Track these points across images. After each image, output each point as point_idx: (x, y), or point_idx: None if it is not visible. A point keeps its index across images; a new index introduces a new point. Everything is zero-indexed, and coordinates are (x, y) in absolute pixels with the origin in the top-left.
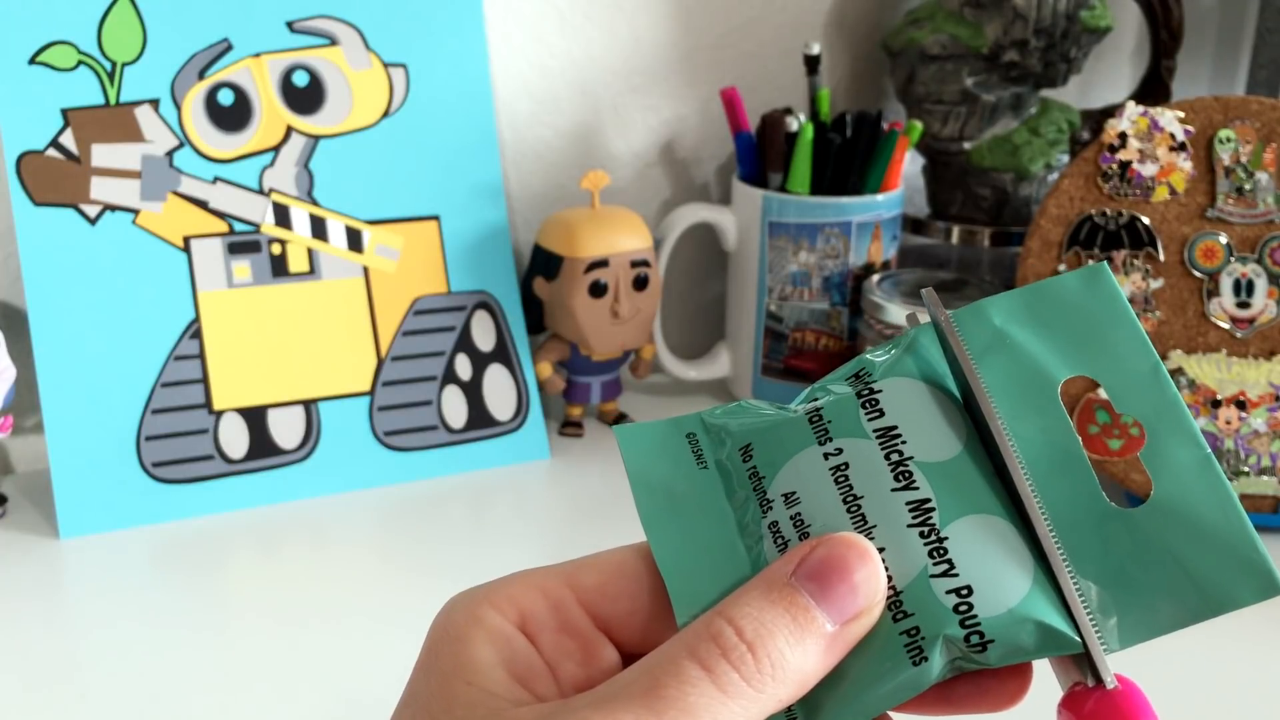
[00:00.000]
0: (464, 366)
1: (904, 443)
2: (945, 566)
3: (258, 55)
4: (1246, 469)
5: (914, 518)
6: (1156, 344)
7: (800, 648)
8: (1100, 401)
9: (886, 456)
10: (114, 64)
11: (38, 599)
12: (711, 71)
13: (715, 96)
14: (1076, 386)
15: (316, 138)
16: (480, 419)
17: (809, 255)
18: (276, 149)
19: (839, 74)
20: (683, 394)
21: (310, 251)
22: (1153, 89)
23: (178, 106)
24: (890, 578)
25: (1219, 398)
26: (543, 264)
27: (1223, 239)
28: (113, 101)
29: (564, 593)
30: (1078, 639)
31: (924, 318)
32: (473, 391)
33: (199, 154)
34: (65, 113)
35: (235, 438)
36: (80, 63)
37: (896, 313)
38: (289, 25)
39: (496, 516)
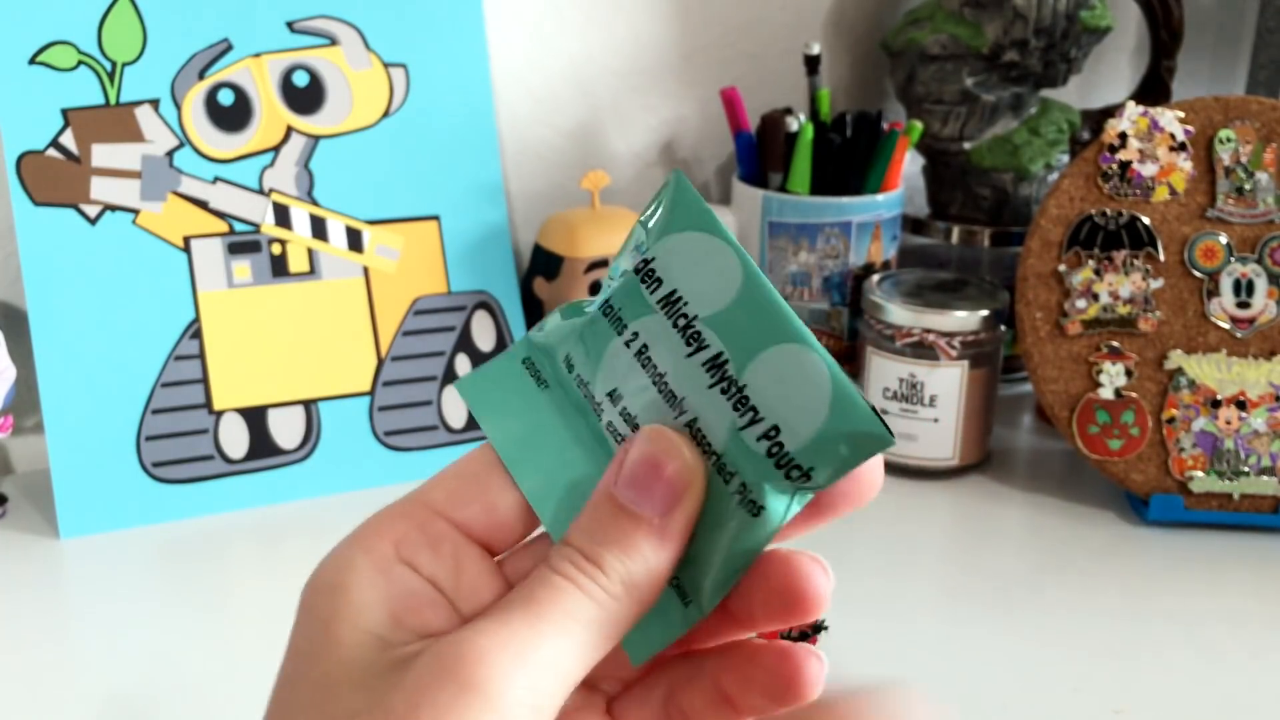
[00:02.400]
0: (464, 367)
1: (685, 304)
2: (750, 415)
3: (258, 55)
4: (1246, 469)
5: (712, 377)
6: (1156, 344)
7: (638, 552)
8: (1100, 402)
9: (674, 324)
10: (114, 64)
11: (38, 599)
12: (711, 71)
13: (715, 96)
14: None
15: (316, 138)
16: None
17: (809, 255)
18: (276, 149)
19: (839, 74)
20: None
21: (310, 251)
22: (1153, 89)
23: (178, 106)
24: (710, 443)
25: (1219, 398)
26: (543, 264)
27: (1223, 239)
28: (113, 101)
29: (423, 512)
30: (888, 431)
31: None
32: None
33: (199, 154)
34: (65, 113)
35: (235, 438)
36: (80, 63)
37: (896, 313)
38: (289, 25)
39: None
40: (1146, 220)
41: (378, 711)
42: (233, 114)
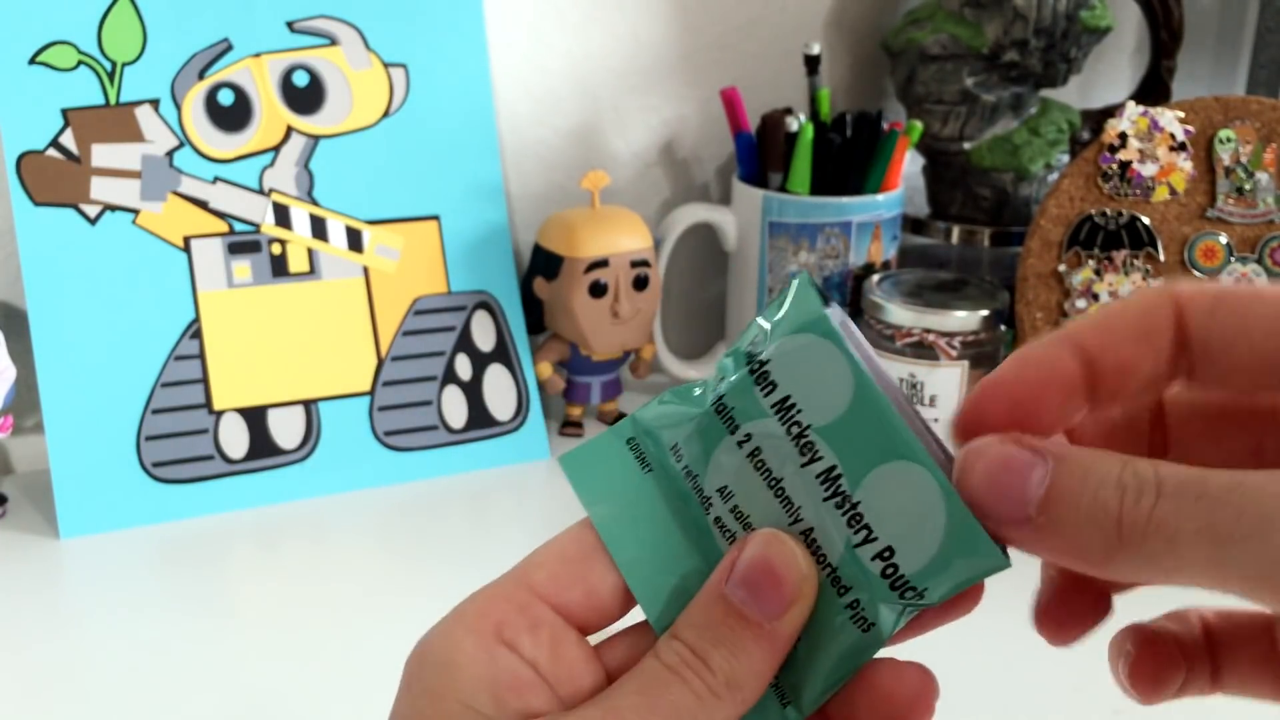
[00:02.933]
0: (464, 366)
1: (799, 411)
2: (865, 534)
3: (258, 55)
4: None
5: (826, 490)
6: None
7: (745, 653)
8: None
9: (788, 431)
10: (114, 64)
11: (38, 599)
12: (711, 71)
13: (715, 96)
14: None
15: (316, 138)
16: (480, 419)
17: (809, 255)
18: (276, 149)
19: (839, 74)
20: None
21: (310, 251)
22: (1153, 89)
23: (178, 106)
24: (825, 555)
25: None
26: (543, 264)
27: (1223, 239)
28: (113, 101)
29: (524, 594)
30: (1005, 556)
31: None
32: (473, 391)
33: (199, 154)
34: (65, 113)
35: (235, 438)
36: (80, 63)
37: (897, 313)
38: (289, 25)
39: (496, 516)
40: (1146, 220)
41: None
42: (233, 114)
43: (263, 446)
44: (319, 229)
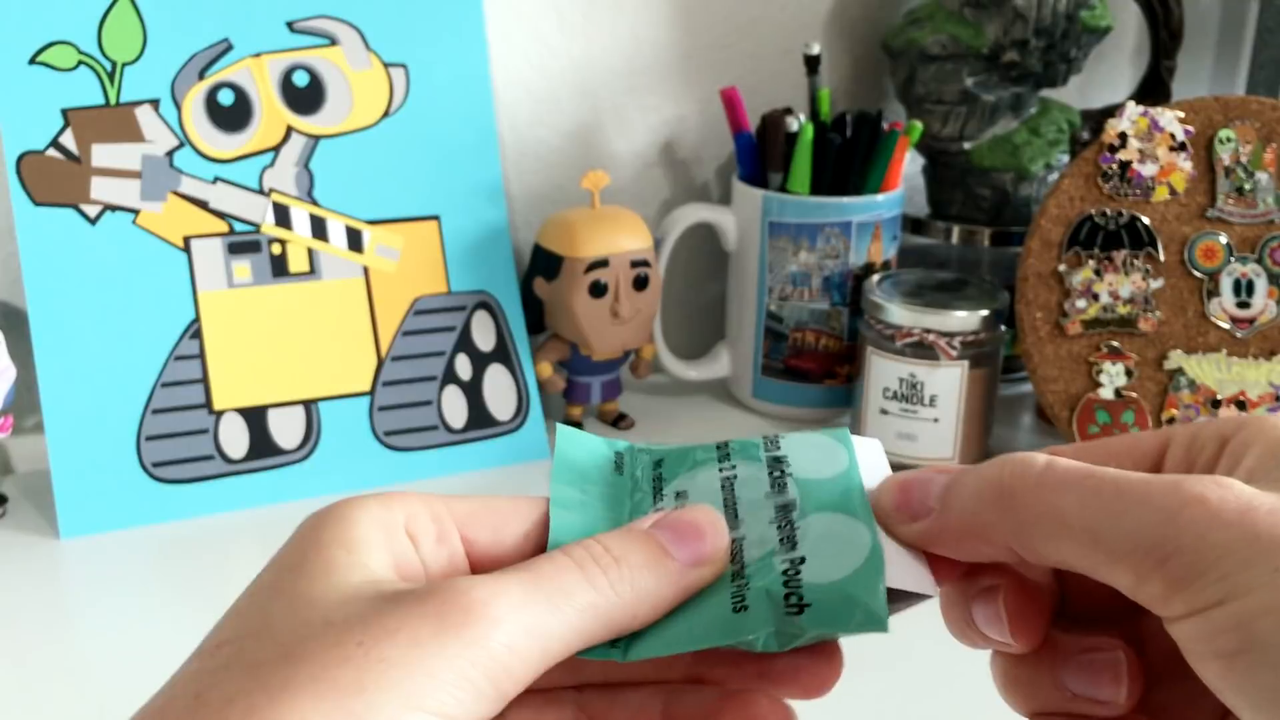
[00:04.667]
0: (464, 366)
1: (789, 464)
2: (789, 546)
3: (258, 55)
4: None
5: (778, 515)
6: (1157, 344)
7: (652, 571)
8: (1100, 402)
9: (770, 473)
10: (114, 64)
11: (38, 599)
12: (711, 71)
13: (715, 96)
14: None
15: (316, 138)
16: (480, 419)
17: (809, 255)
18: (276, 149)
19: (839, 74)
20: (683, 394)
21: (310, 251)
22: (1153, 89)
23: (178, 106)
24: (743, 559)
25: (1219, 398)
26: (543, 264)
27: (1223, 239)
28: (113, 101)
29: (441, 509)
30: (885, 621)
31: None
32: (473, 391)
33: (199, 154)
34: (65, 113)
35: (235, 438)
36: (80, 63)
37: (897, 313)
38: (289, 25)
39: None
40: (1146, 220)
41: (357, 625)
42: (233, 114)
43: (263, 446)
44: (319, 229)
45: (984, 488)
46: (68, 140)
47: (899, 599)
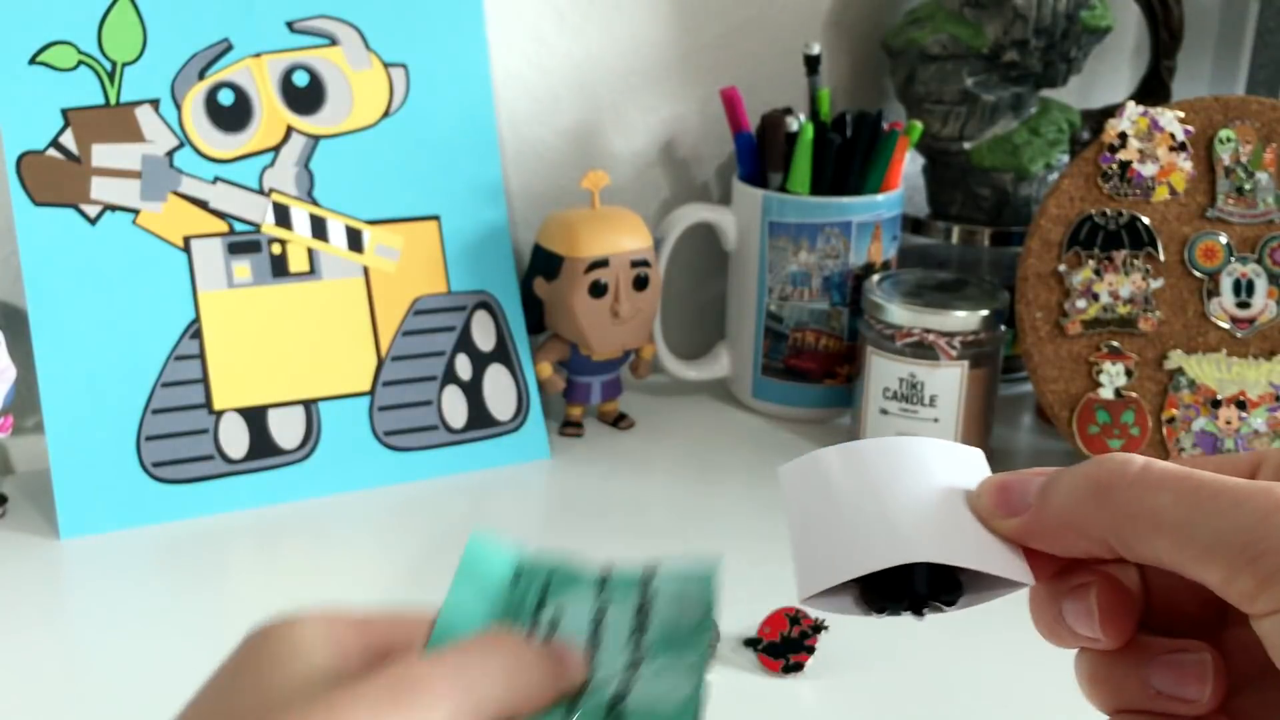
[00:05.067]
0: (464, 366)
1: (650, 619)
2: (624, 688)
3: (258, 55)
4: None
5: (631, 654)
6: (1156, 344)
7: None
8: (1100, 402)
9: (635, 617)
10: (114, 64)
11: (38, 599)
12: (711, 71)
13: (715, 96)
14: None
15: (316, 138)
16: (480, 419)
17: (809, 255)
18: (276, 149)
19: (839, 74)
20: (683, 394)
21: (310, 251)
22: (1153, 89)
23: (178, 106)
24: (595, 671)
25: (1219, 398)
26: (543, 264)
27: (1223, 239)
28: (113, 101)
29: (360, 616)
30: None
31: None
32: (473, 391)
33: (199, 154)
34: (65, 113)
35: (235, 438)
36: (80, 63)
37: (897, 313)
38: (289, 25)
39: (496, 516)
40: (1146, 220)
41: (320, 703)
42: (233, 114)
43: (263, 446)
44: (319, 229)
45: (1081, 484)
46: (68, 140)
47: (997, 585)
